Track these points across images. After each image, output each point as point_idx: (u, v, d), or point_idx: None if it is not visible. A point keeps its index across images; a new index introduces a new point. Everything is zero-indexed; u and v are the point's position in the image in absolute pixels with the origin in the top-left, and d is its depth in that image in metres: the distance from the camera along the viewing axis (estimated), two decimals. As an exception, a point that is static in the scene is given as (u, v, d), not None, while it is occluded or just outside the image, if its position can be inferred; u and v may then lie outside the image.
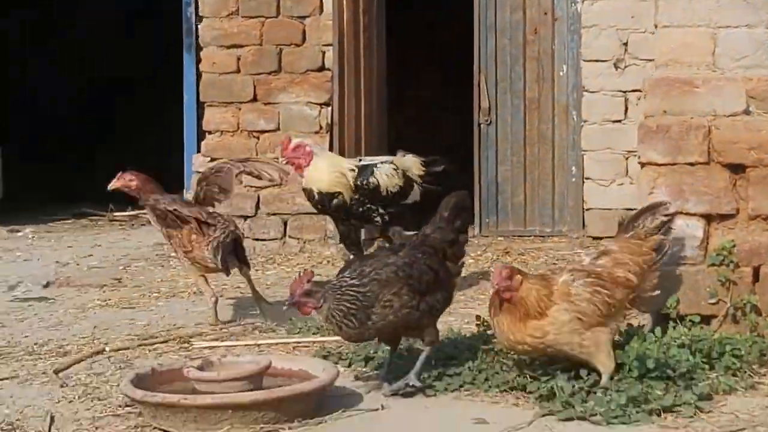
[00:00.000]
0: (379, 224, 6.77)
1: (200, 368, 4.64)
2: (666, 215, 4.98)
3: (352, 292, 4.67)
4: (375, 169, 6.70)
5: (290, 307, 4.70)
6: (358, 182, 6.60)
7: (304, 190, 6.74)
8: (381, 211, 6.71)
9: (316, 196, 6.66)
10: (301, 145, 6.66)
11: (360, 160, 7.00)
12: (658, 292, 4.95)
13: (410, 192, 6.84)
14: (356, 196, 6.63)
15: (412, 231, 6.36)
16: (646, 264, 4.85)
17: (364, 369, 5.24)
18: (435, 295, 4.84)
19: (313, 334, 5.91)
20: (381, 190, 6.65)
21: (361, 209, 6.66)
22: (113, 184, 6.53)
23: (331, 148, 8.52)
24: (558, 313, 4.58)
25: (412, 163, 6.91)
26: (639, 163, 5.32)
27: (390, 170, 6.75)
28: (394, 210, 6.74)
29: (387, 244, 6.63)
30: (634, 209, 7.86)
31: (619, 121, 8.41)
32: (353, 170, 6.63)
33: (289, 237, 8.66)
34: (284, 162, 6.68)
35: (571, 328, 4.58)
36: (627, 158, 8.32)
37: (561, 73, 8.64)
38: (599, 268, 4.80)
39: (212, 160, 8.85)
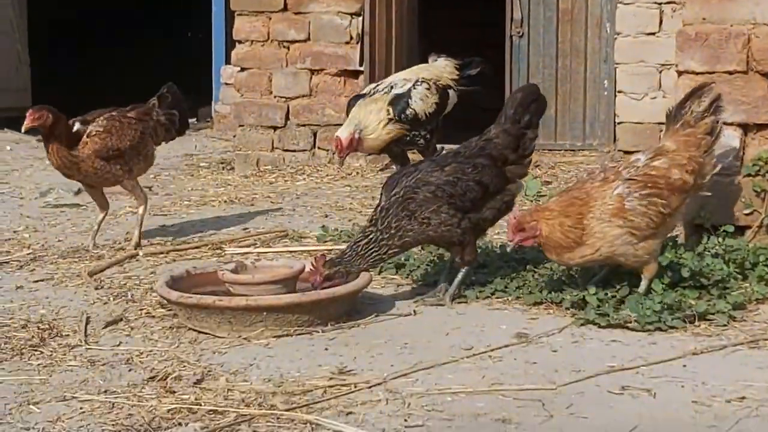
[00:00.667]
0: (422, 145, 6.68)
1: (234, 271, 4.67)
2: (712, 97, 4.75)
3: (373, 242, 4.61)
4: (409, 99, 6.52)
5: (316, 288, 4.58)
6: (396, 118, 6.47)
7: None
8: (423, 132, 6.62)
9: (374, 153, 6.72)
10: (351, 140, 6.43)
11: (390, 87, 6.70)
12: (713, 171, 4.77)
13: (447, 102, 6.76)
14: (398, 131, 6.53)
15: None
16: (703, 151, 4.67)
17: (394, 276, 5.27)
18: (481, 212, 4.74)
19: (344, 242, 5.92)
20: (419, 117, 6.55)
21: (406, 139, 6.59)
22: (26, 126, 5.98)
23: (361, 59, 8.47)
24: (609, 229, 4.46)
25: (444, 66, 6.81)
26: (676, 71, 5.25)
27: (423, 92, 6.59)
28: (433, 126, 6.66)
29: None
30: (667, 123, 7.85)
31: (654, 33, 8.29)
32: (389, 111, 6.46)
33: (319, 148, 8.65)
34: (340, 160, 6.68)
35: (623, 241, 4.48)
36: (660, 71, 8.23)
37: (595, -15, 8.51)
38: (655, 174, 4.57)
39: (242, 70, 8.82)
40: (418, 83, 6.62)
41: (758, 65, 5.09)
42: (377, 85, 6.74)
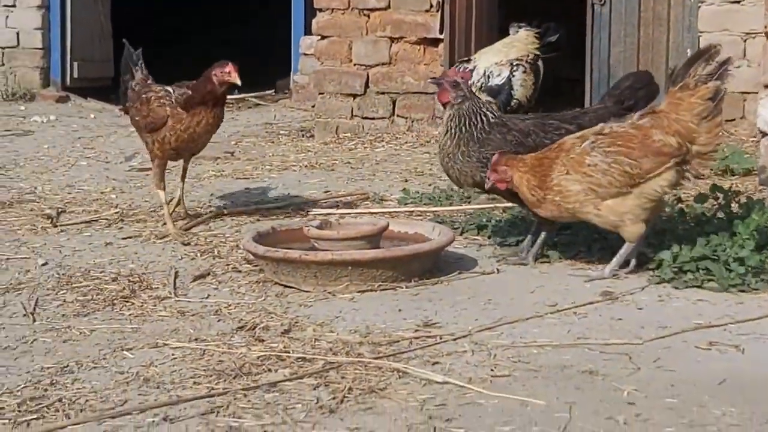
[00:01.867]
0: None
1: (319, 228, 4.73)
2: (721, 60, 4.46)
3: (478, 125, 4.76)
4: (511, 90, 6.43)
5: (433, 83, 4.89)
6: (502, 106, 6.38)
7: None
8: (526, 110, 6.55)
9: None
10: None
11: (487, 77, 6.57)
12: (717, 146, 4.55)
13: (541, 77, 6.71)
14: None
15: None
16: (698, 117, 4.39)
17: (476, 237, 5.30)
18: None
19: (425, 204, 5.96)
20: (523, 104, 6.51)
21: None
22: None
23: (441, 27, 8.46)
24: (567, 182, 4.40)
25: (526, 38, 6.79)
26: (765, 33, 5.18)
27: (522, 78, 6.49)
28: (531, 106, 6.61)
29: None
30: (751, 93, 7.75)
31: (738, 2, 8.15)
32: (492, 104, 6.35)
33: (398, 116, 8.67)
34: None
35: (583, 198, 4.40)
36: (745, 40, 8.10)
37: (679, -48, 8.39)
38: (631, 132, 4.41)
39: (322, 38, 8.87)
40: (515, 68, 6.50)
41: None
42: (471, 72, 6.58)
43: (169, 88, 5.61)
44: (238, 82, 5.44)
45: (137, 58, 5.89)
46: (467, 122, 4.74)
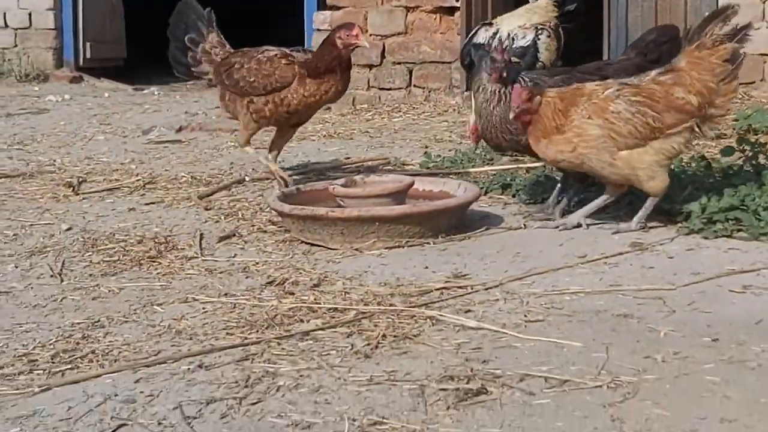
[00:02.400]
0: None
1: (345, 186, 4.70)
2: (740, 24, 4.37)
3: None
4: (537, 52, 6.34)
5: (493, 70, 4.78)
6: (526, 68, 6.28)
7: None
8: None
9: None
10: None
11: (512, 39, 6.49)
12: (728, 112, 4.48)
13: (562, 43, 6.65)
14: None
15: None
16: (717, 78, 4.33)
17: (501, 195, 5.27)
18: None
19: (447, 167, 5.93)
20: (547, 67, 6.43)
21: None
22: None
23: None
24: (588, 126, 4.33)
25: (546, 5, 6.70)
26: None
27: (547, 42, 6.40)
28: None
29: None
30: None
31: (757, -37, 8.11)
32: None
33: (414, 86, 8.65)
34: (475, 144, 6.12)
35: (600, 144, 4.31)
36: (764, 2, 8.06)
37: None
38: (655, 87, 4.35)
39: (337, 9, 8.83)
40: (539, 32, 6.43)
41: None
42: (494, 35, 6.49)
43: (286, 50, 5.30)
44: (366, 44, 5.25)
45: (210, 17, 5.58)
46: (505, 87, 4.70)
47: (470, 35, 6.48)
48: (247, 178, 5.90)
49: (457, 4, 8.44)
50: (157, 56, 13.85)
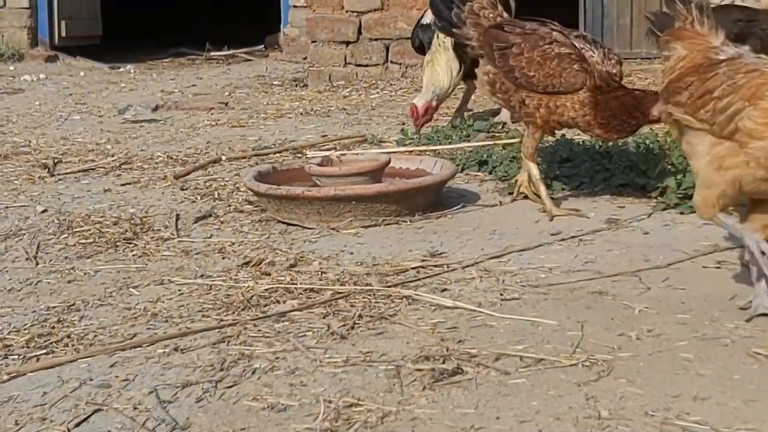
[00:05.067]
0: None
1: (321, 165, 4.69)
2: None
3: None
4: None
5: None
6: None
7: None
8: None
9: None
10: (427, 108, 6.13)
11: None
12: None
13: (511, 7, 6.60)
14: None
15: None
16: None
17: (477, 173, 5.27)
18: None
19: (424, 144, 5.92)
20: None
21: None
22: None
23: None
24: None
25: None
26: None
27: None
28: None
29: None
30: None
31: (736, -67, 8.09)
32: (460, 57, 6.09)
33: (391, 62, 8.62)
34: (417, 128, 6.16)
35: None
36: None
37: None
38: None
39: (312, -15, 8.79)
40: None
41: None
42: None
43: (577, 45, 4.46)
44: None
45: None
46: None
47: (419, 18, 6.45)
48: (223, 158, 5.88)
49: (434, -21, 8.40)
50: (133, 33, 13.84)
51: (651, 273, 3.63)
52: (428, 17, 6.34)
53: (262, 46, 12.94)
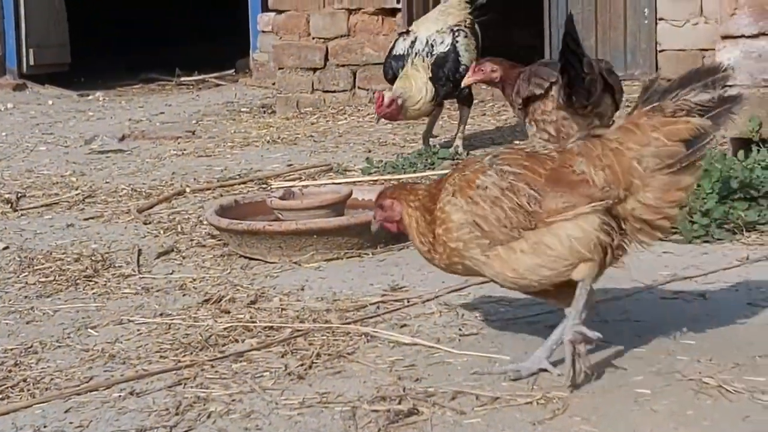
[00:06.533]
0: (466, 93, 6.39)
1: (282, 198, 4.69)
2: (726, 95, 3.02)
3: None
4: (459, 57, 6.27)
5: None
6: (449, 78, 6.22)
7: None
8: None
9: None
10: (393, 101, 6.07)
11: (431, 46, 6.37)
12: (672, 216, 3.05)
13: (480, 38, 6.64)
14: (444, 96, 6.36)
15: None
16: (655, 160, 2.97)
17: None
18: None
19: (389, 173, 5.93)
20: (468, 65, 6.39)
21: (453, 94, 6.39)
22: (468, 79, 5.29)
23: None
24: (452, 209, 3.09)
25: (459, 3, 6.62)
26: (720, -14, 5.17)
27: (465, 42, 6.37)
28: None
29: None
30: (710, 49, 7.76)
31: (694, -44, 8.17)
32: (434, 87, 6.14)
33: (359, 88, 8.62)
34: (378, 117, 6.19)
35: (468, 236, 3.06)
36: (702, -3, 8.12)
37: None
38: (547, 153, 3.08)
39: (279, 12, 8.80)
40: (457, 34, 6.37)
41: (804, -26, 5.00)
42: (413, 43, 6.41)
43: None
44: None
45: None
46: None
47: (390, 48, 6.45)
48: (187, 189, 5.86)
49: (399, 6, 8.43)
50: (104, 58, 13.81)
51: (610, 304, 3.64)
52: (400, 47, 6.37)
53: (233, 70, 12.94)
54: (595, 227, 2.99)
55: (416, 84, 6.17)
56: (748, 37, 5.04)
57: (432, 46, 6.32)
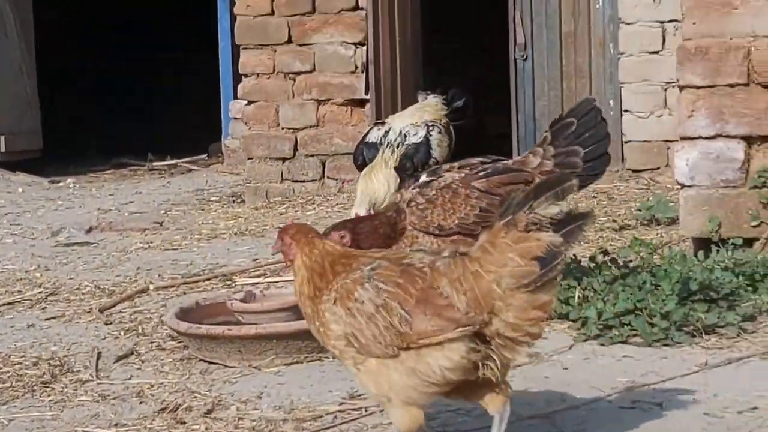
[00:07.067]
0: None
1: (243, 300, 4.68)
2: (576, 213, 3.01)
3: None
4: (430, 149, 6.31)
5: None
6: (420, 165, 6.25)
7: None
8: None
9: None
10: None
11: (404, 136, 6.39)
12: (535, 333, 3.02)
13: (453, 140, 6.69)
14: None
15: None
16: (512, 281, 2.95)
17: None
18: None
19: (354, 269, 5.93)
20: (440, 163, 6.44)
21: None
22: None
23: (367, 87, 8.51)
24: (331, 318, 3.09)
25: (436, 104, 6.70)
26: (678, 86, 5.26)
27: (439, 138, 6.40)
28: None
29: None
30: (674, 141, 7.86)
31: (657, 52, 8.31)
32: (400, 180, 6.07)
33: (328, 177, 8.67)
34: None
35: (343, 345, 3.08)
36: (665, 89, 8.24)
37: (597, 6, 8.54)
38: (419, 270, 3.03)
39: (249, 103, 8.87)
40: (431, 128, 6.40)
41: (759, 77, 5.09)
42: (387, 133, 6.44)
43: None
44: None
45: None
46: None
47: (363, 135, 6.51)
48: (151, 287, 5.84)
49: (367, 97, 8.52)
50: (77, 143, 13.83)
51: (567, 414, 3.63)
52: (374, 136, 6.42)
53: (206, 154, 12.98)
54: (463, 354, 2.98)
55: (378, 179, 6.21)
56: (706, 138, 5.11)
57: (405, 136, 6.38)
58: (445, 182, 4.57)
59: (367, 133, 6.54)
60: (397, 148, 6.24)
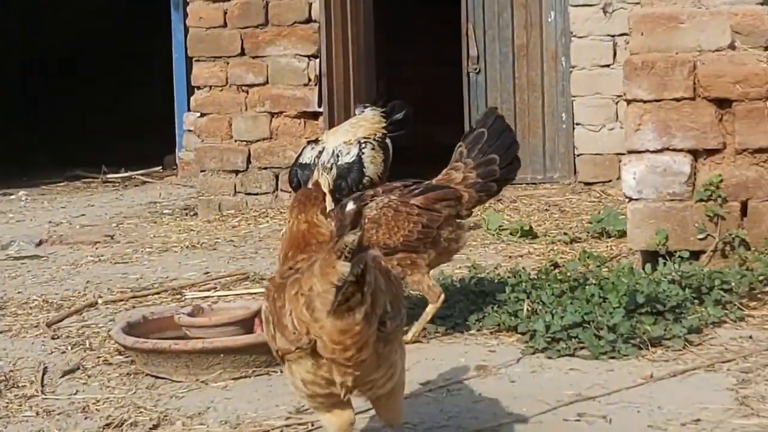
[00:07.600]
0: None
1: (191, 315, 4.65)
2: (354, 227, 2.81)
3: None
4: (363, 168, 6.28)
5: None
6: (354, 184, 6.23)
7: None
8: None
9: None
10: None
11: (337, 156, 6.36)
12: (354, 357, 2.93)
13: (390, 154, 6.66)
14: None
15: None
16: (322, 305, 2.87)
17: (355, 314, 5.26)
18: None
19: (305, 282, 5.91)
20: (375, 180, 6.40)
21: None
22: None
23: (320, 100, 8.50)
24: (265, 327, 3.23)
25: (373, 117, 6.66)
26: (625, 100, 5.31)
27: (371, 154, 6.36)
28: (384, 179, 6.48)
29: None
30: (625, 154, 7.93)
31: (608, 65, 8.41)
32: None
33: (281, 190, 8.65)
34: None
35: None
36: (617, 102, 8.33)
37: (549, 19, 8.62)
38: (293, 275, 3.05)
39: (202, 115, 8.84)
40: (363, 146, 6.36)
41: (705, 91, 5.15)
42: (320, 153, 6.40)
43: None
44: None
45: None
46: None
47: (297, 155, 6.43)
48: (99, 301, 5.79)
49: (321, 110, 8.52)
50: (30, 155, 13.70)
51: (513, 427, 3.64)
52: (307, 156, 6.37)
53: (161, 167, 12.91)
54: (309, 369, 3.01)
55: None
56: (653, 151, 5.16)
57: (337, 156, 6.31)
58: (384, 203, 4.63)
59: (301, 153, 6.43)
60: (331, 169, 6.17)
